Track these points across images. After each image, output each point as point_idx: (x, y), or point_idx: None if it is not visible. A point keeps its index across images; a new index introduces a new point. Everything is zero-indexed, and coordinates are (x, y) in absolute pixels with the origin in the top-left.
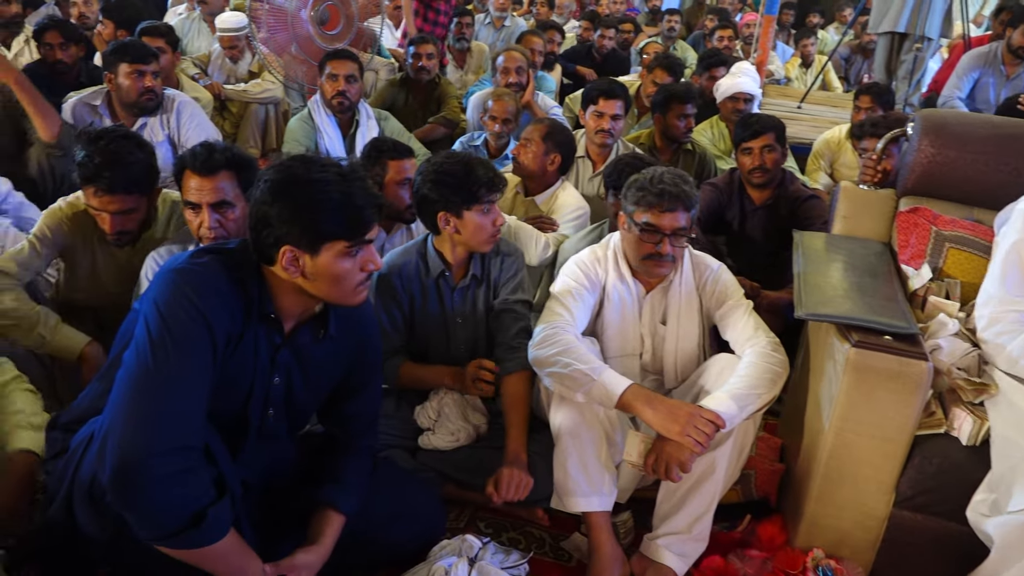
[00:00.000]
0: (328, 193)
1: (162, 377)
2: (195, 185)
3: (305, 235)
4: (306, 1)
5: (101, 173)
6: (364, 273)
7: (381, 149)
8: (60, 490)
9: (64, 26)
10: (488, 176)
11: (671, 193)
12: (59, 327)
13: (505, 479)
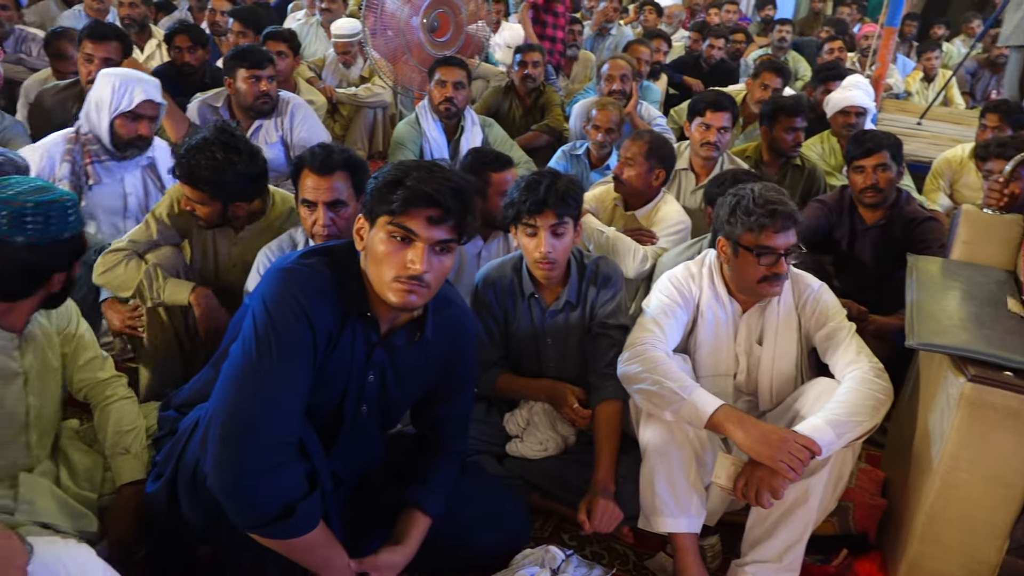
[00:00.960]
0: (401, 171)
1: (264, 372)
2: (312, 184)
3: (370, 202)
4: (418, 8)
5: (188, 164)
6: (405, 271)
7: (484, 161)
8: (167, 470)
9: (192, 30)
10: (533, 198)
11: (782, 212)
12: (165, 283)
13: (599, 511)
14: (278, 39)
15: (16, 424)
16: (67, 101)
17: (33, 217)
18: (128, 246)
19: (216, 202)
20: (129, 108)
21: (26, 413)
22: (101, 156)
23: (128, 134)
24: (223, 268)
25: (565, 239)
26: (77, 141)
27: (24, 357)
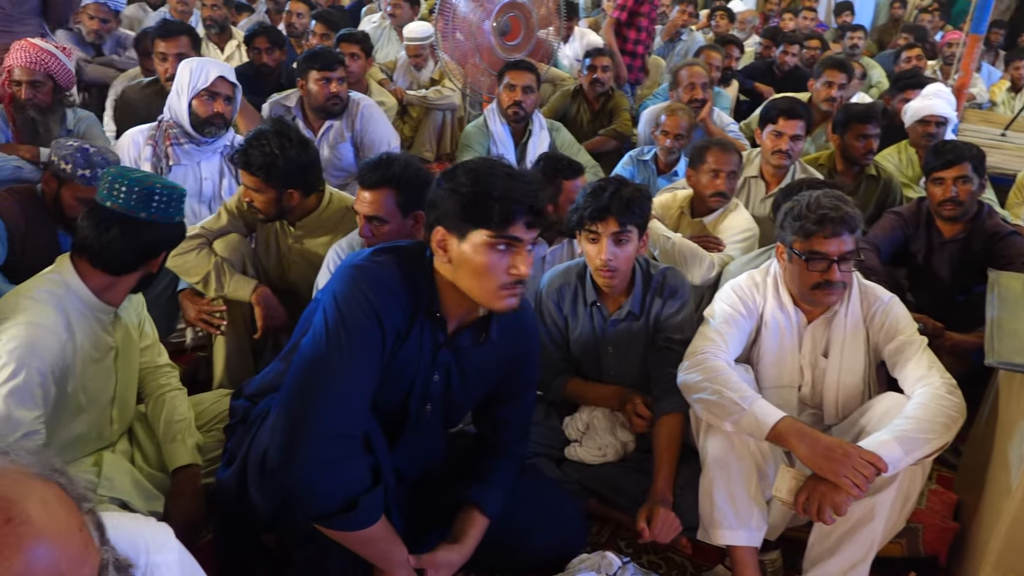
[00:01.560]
0: (488, 181)
1: (333, 366)
2: (359, 194)
3: (455, 217)
4: (489, 12)
5: (245, 151)
6: (509, 277)
7: (556, 168)
8: (237, 457)
9: (271, 32)
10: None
11: (832, 217)
12: (231, 279)
13: (660, 519)
14: (351, 41)
15: (105, 397)
16: (150, 97)
17: (159, 197)
18: (202, 232)
19: (270, 188)
20: (205, 85)
21: (114, 387)
22: (181, 139)
23: (205, 112)
24: (284, 265)
25: (628, 248)
26: (160, 127)
27: (116, 332)
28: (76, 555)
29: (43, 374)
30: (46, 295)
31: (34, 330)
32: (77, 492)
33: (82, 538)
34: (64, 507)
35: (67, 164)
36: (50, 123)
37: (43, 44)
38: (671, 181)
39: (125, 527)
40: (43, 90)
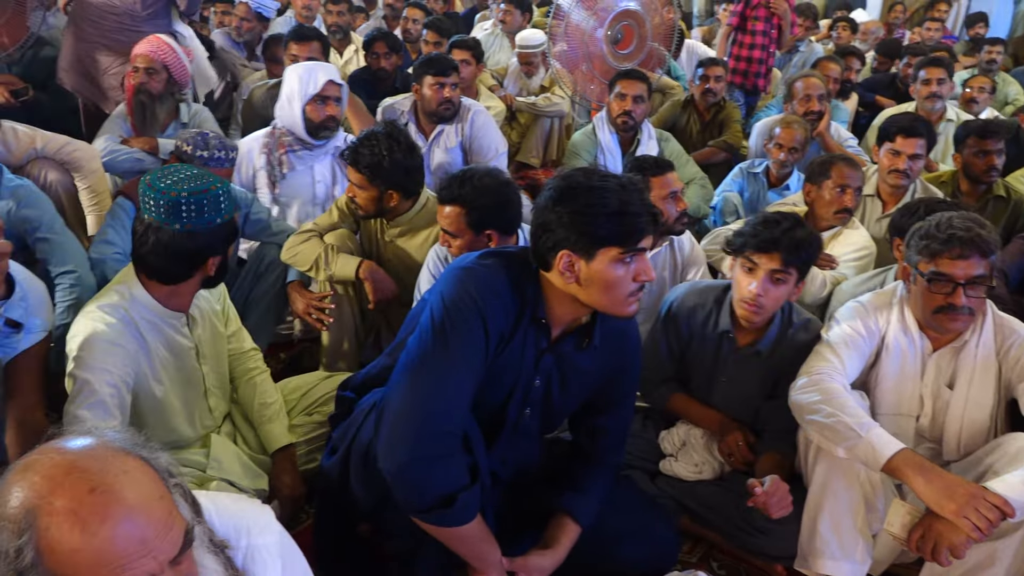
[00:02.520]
0: (606, 200)
1: (438, 365)
2: (438, 207)
3: (581, 240)
4: (603, 20)
5: (355, 148)
6: (636, 283)
7: (642, 167)
8: (341, 447)
9: (389, 37)
10: (766, 235)
11: (962, 238)
12: (337, 258)
13: (776, 488)
14: (463, 47)
15: (197, 392)
16: (274, 98)
17: (187, 206)
18: (314, 228)
19: (373, 187)
20: (316, 91)
21: (203, 380)
22: (294, 146)
23: (319, 117)
24: (382, 261)
25: (782, 288)
26: (273, 135)
27: (193, 332)
28: (159, 522)
29: (114, 385)
30: (109, 308)
31: (97, 346)
32: (161, 466)
33: (164, 507)
34: (147, 477)
35: (188, 146)
36: (158, 111)
37: (166, 39)
38: (782, 196)
39: (228, 508)
40: (157, 79)
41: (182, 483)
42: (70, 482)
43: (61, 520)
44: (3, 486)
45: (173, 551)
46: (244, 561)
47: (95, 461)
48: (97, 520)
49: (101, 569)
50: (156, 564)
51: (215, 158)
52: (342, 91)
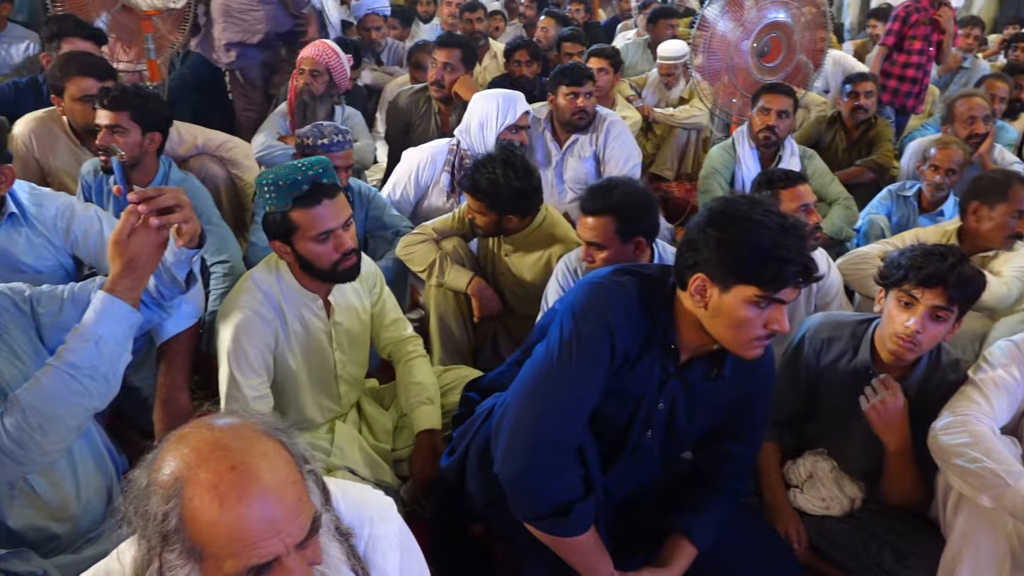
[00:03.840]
0: (759, 236)
1: (561, 376)
2: (580, 220)
3: (721, 268)
4: (750, 32)
5: (473, 176)
6: (766, 330)
7: (771, 180)
8: (460, 446)
9: (531, 46)
10: (931, 268)
11: None
12: (451, 269)
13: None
14: (601, 56)
15: (327, 373)
16: (418, 102)
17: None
18: (430, 232)
19: (492, 212)
20: (514, 122)
21: (334, 365)
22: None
23: None
24: (497, 272)
25: (941, 327)
26: (455, 154)
27: (333, 316)
28: (290, 506)
29: (257, 347)
30: (254, 283)
31: (243, 312)
32: (298, 451)
33: (296, 492)
34: (283, 461)
35: (308, 139)
36: (318, 110)
37: (331, 44)
38: (935, 221)
39: (354, 496)
40: (320, 80)
41: (316, 469)
42: (214, 458)
43: (203, 492)
44: (160, 453)
45: (300, 535)
46: (365, 550)
47: (239, 440)
48: (234, 496)
49: (234, 543)
50: (283, 546)
51: (334, 143)
52: (529, 118)
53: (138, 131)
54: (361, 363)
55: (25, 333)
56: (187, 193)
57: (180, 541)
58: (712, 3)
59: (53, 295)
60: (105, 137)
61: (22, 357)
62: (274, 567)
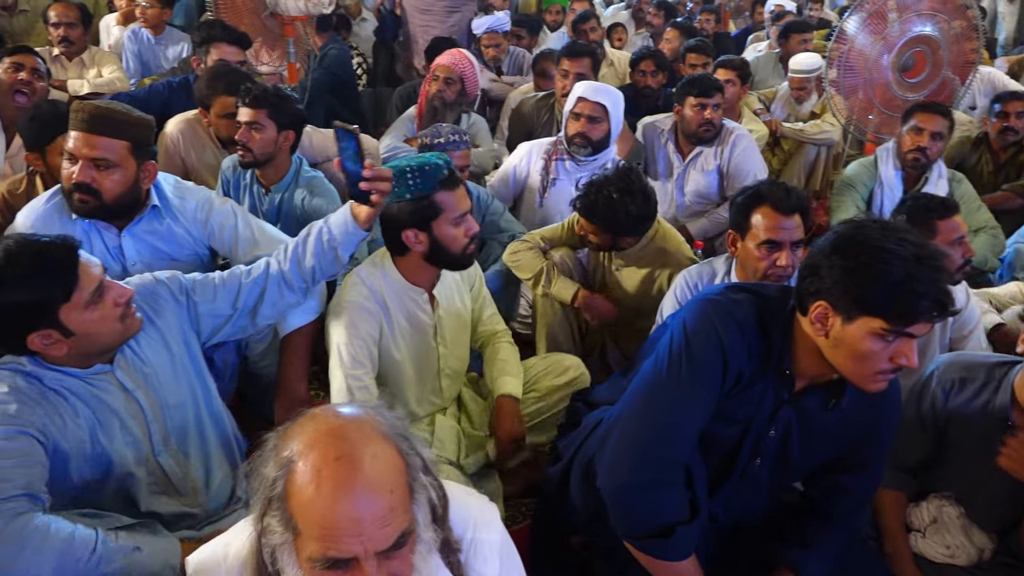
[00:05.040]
0: (890, 266)
1: (671, 393)
2: (776, 223)
3: (845, 297)
4: (892, 46)
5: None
6: (891, 364)
7: (928, 208)
8: (564, 456)
9: (657, 56)
10: None
11: None
12: (557, 280)
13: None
14: (729, 67)
15: (431, 368)
16: (541, 109)
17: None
18: (537, 241)
19: (606, 234)
20: (571, 108)
21: (438, 359)
22: (564, 156)
23: (568, 132)
24: (606, 285)
25: None
26: (555, 144)
27: (436, 310)
28: (379, 512)
29: (361, 338)
30: (359, 278)
31: (349, 305)
32: (416, 462)
33: (392, 500)
34: (390, 466)
35: (427, 138)
36: (448, 117)
37: (466, 53)
38: None
39: (459, 499)
40: (452, 88)
41: (435, 485)
42: (325, 443)
43: (306, 471)
44: (292, 425)
45: (384, 544)
46: (466, 554)
47: (355, 434)
48: (329, 485)
49: (319, 530)
50: (362, 548)
51: (450, 142)
52: (596, 109)
53: (274, 128)
54: (462, 358)
55: (179, 322)
56: (317, 191)
57: (280, 510)
58: (852, 16)
59: (206, 283)
60: (244, 133)
61: (171, 346)
62: (352, 566)
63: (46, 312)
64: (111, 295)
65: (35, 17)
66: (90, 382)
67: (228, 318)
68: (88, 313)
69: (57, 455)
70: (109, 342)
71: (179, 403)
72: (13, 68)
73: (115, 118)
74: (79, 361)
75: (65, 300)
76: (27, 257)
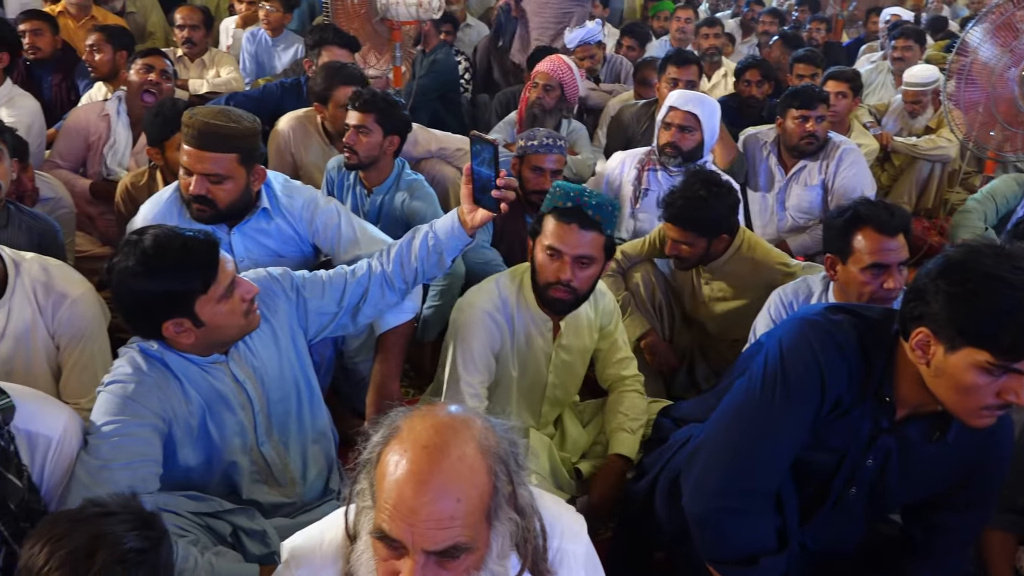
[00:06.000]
0: (1000, 295)
1: (762, 416)
2: (881, 245)
3: (949, 326)
4: (1020, 59)
5: (671, 205)
6: (998, 400)
7: None
8: (651, 471)
9: (763, 65)
10: None
11: None
12: (628, 316)
13: None
14: (840, 79)
15: (537, 392)
16: (640, 117)
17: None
18: (619, 260)
19: (702, 239)
20: (661, 117)
21: (544, 387)
22: (656, 166)
23: (660, 141)
24: (695, 300)
25: None
26: (649, 153)
27: (558, 339)
28: (437, 514)
29: (482, 345)
30: (497, 286)
31: (478, 311)
32: (503, 490)
33: (453, 508)
34: (468, 479)
35: (523, 141)
36: (547, 123)
37: (565, 59)
38: None
39: (548, 507)
40: (551, 95)
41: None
42: (424, 430)
43: (396, 448)
44: (419, 407)
45: (430, 544)
46: (552, 562)
47: (451, 432)
48: (406, 469)
49: (385, 503)
50: (410, 538)
51: (543, 144)
52: (687, 119)
53: (380, 133)
54: (571, 391)
55: (289, 319)
56: (416, 195)
57: (370, 475)
58: (976, 26)
59: (315, 280)
60: (351, 136)
61: (280, 342)
62: (401, 552)
63: (184, 302)
64: (240, 291)
65: (142, 19)
66: (206, 370)
67: (333, 316)
68: (220, 306)
69: (169, 439)
70: (232, 335)
71: (283, 397)
72: (144, 69)
73: (222, 133)
74: (201, 350)
75: (203, 292)
76: (174, 250)
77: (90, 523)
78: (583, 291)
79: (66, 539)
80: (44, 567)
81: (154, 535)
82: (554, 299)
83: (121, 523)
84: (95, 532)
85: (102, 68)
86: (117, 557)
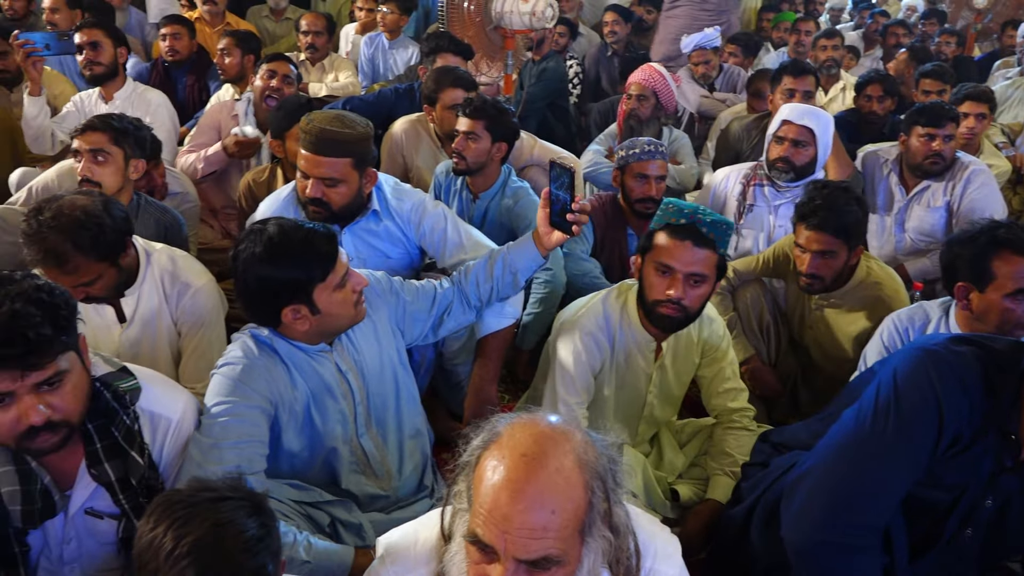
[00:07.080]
0: None
1: (872, 448)
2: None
3: None
4: None
5: (816, 212)
6: None
7: None
8: (748, 498)
9: (886, 80)
10: None
11: None
12: (735, 340)
13: None
14: (981, 100)
15: (634, 413)
16: (751, 131)
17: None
18: (730, 279)
19: (844, 247)
20: (773, 131)
21: (643, 407)
22: (764, 182)
23: (770, 156)
24: (805, 323)
25: None
26: (756, 168)
27: (657, 360)
28: (528, 525)
29: (583, 366)
30: (602, 303)
31: (582, 331)
32: (599, 507)
33: (547, 520)
34: (564, 492)
35: (623, 150)
36: (645, 132)
37: (656, 67)
38: None
39: (643, 527)
40: (646, 104)
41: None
42: (526, 439)
43: (495, 454)
44: (523, 414)
45: (522, 554)
46: None
47: (551, 443)
48: (503, 476)
49: (481, 508)
50: (502, 547)
51: (644, 151)
52: (802, 133)
53: (488, 139)
54: (668, 412)
55: (389, 319)
56: (521, 202)
57: (468, 478)
58: None
59: (411, 285)
60: (460, 142)
61: (380, 339)
62: (492, 557)
63: (304, 289)
64: (352, 282)
65: (291, 25)
66: (313, 358)
67: (424, 323)
68: (335, 295)
69: (275, 423)
70: (343, 324)
71: (381, 392)
72: (268, 75)
73: (338, 139)
74: (312, 338)
75: (321, 280)
76: (298, 240)
77: (209, 509)
78: (693, 310)
79: (190, 524)
80: (174, 551)
81: (269, 521)
82: (662, 316)
83: (237, 509)
84: (217, 519)
85: (230, 71)
86: (241, 546)
